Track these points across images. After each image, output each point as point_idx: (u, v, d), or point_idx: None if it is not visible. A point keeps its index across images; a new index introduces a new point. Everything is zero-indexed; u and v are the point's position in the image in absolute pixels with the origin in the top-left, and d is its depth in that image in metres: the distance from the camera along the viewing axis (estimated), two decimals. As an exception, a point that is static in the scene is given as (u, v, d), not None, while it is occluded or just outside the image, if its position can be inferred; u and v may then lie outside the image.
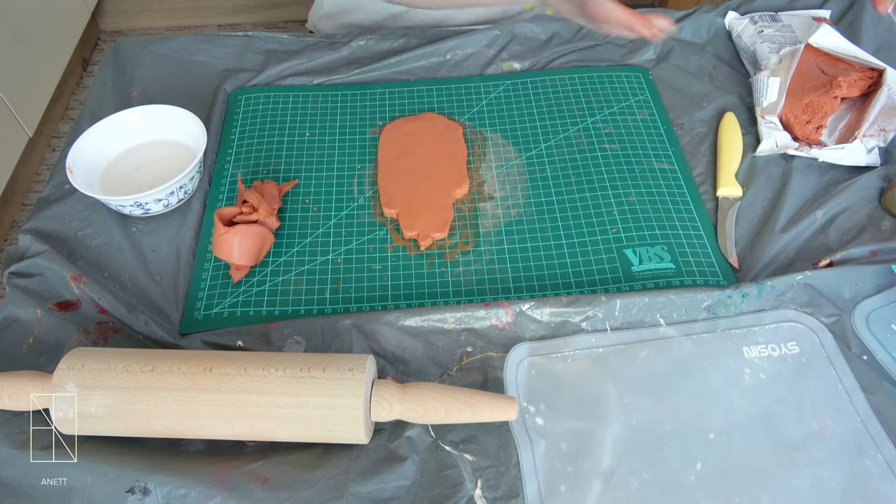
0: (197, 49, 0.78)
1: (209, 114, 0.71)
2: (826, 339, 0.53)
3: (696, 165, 0.67)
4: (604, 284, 0.57)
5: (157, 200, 0.60)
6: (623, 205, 0.63)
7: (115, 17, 2.08)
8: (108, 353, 0.48)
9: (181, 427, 0.46)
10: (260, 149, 0.69)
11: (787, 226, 0.60)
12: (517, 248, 0.60)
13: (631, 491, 0.46)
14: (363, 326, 0.53)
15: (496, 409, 0.47)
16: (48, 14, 1.70)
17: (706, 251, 0.60)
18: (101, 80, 0.76)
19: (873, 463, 0.47)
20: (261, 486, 0.45)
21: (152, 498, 0.45)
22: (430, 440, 0.49)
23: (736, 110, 0.71)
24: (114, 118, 0.65)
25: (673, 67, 0.76)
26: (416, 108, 0.73)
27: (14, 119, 1.53)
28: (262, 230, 0.59)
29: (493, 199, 0.64)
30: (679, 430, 0.49)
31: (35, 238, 0.59)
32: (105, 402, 0.45)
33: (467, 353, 0.53)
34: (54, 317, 0.55)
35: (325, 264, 0.60)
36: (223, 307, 0.57)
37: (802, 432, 0.49)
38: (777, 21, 0.76)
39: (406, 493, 0.46)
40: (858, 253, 0.58)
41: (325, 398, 0.45)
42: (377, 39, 0.79)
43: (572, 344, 0.53)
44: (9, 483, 0.46)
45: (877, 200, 0.62)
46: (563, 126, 0.70)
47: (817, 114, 0.65)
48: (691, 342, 0.53)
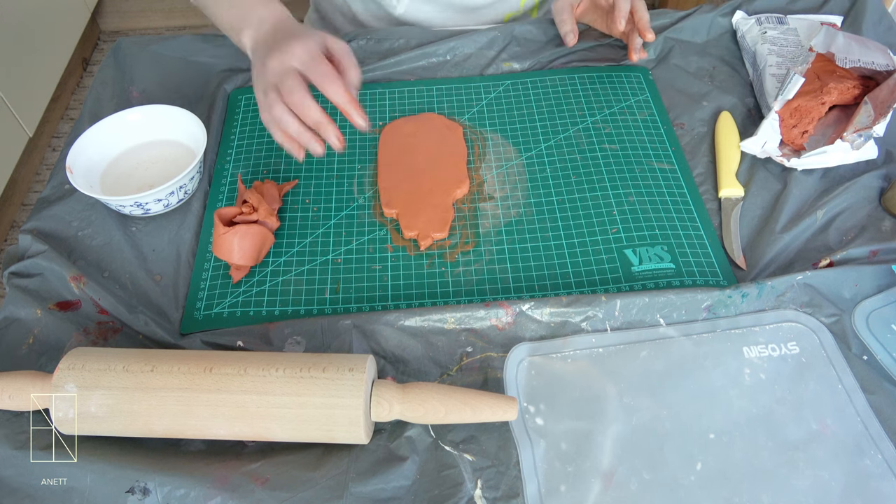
0: (197, 49, 0.78)
1: (209, 114, 0.71)
2: (826, 339, 0.53)
3: (696, 165, 0.67)
4: (604, 284, 0.57)
5: (157, 200, 0.60)
6: (623, 205, 0.63)
7: (115, 17, 2.08)
8: (108, 353, 0.48)
9: (181, 427, 0.46)
10: (260, 149, 0.69)
11: (788, 226, 0.60)
12: (517, 248, 0.60)
13: (631, 491, 0.46)
14: (363, 326, 0.53)
15: (496, 409, 0.47)
16: (48, 14, 1.70)
17: (706, 251, 0.60)
18: (101, 80, 0.76)
19: (873, 463, 0.47)
20: (261, 486, 0.45)
21: (152, 498, 0.45)
22: (430, 440, 0.49)
23: (736, 110, 0.71)
24: (114, 118, 0.65)
25: (673, 67, 0.76)
26: (416, 108, 0.73)
27: (14, 119, 1.53)
28: (262, 230, 0.59)
29: (493, 199, 0.64)
30: (679, 430, 0.49)
31: (35, 238, 0.59)
32: (105, 402, 0.45)
33: (467, 353, 0.53)
34: (54, 317, 0.55)
35: (325, 264, 0.60)
36: (223, 307, 0.57)
37: (802, 432, 0.49)
38: (783, 24, 0.76)
39: (406, 493, 0.46)
40: (858, 253, 0.58)
41: (325, 398, 0.45)
42: (377, 39, 0.79)
43: (572, 344, 0.53)
44: (9, 483, 0.46)
45: (877, 200, 0.62)
46: (563, 126, 0.70)
47: (804, 118, 0.65)
48: (691, 342, 0.53)
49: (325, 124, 0.56)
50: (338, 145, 0.56)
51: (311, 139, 0.56)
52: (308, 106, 0.55)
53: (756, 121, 0.70)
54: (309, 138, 0.56)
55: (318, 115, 0.56)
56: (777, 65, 0.71)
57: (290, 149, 0.58)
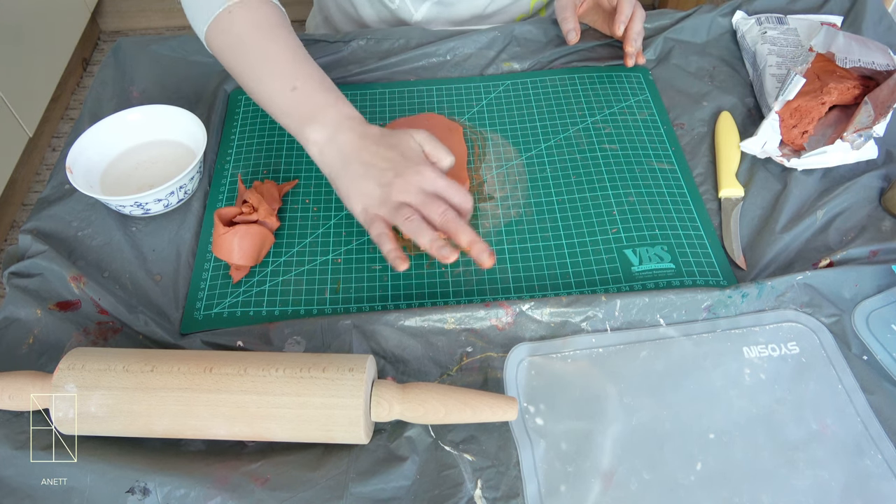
0: (197, 49, 0.78)
1: (209, 114, 0.71)
2: (826, 339, 0.53)
3: (696, 165, 0.67)
4: (604, 284, 0.57)
5: (157, 200, 0.60)
6: (623, 205, 0.63)
7: (115, 17, 2.08)
8: (108, 353, 0.48)
9: (181, 427, 0.46)
10: (260, 149, 0.69)
11: (788, 226, 0.60)
12: (517, 248, 0.60)
13: (631, 491, 0.46)
14: (363, 326, 0.53)
15: (496, 409, 0.47)
16: (48, 14, 1.70)
17: (706, 251, 0.60)
18: (101, 80, 0.76)
19: (873, 463, 0.47)
20: (261, 486, 0.45)
21: (152, 498, 0.45)
22: (430, 440, 0.49)
23: (735, 110, 0.71)
24: (114, 118, 0.65)
25: (673, 67, 0.76)
26: (416, 108, 0.73)
27: (14, 119, 1.53)
28: (262, 230, 0.59)
29: (493, 199, 0.64)
30: (679, 430, 0.49)
31: (35, 238, 0.59)
32: (105, 402, 0.45)
33: (467, 353, 0.53)
34: (54, 317, 0.55)
35: (325, 264, 0.60)
36: (223, 307, 0.57)
37: (802, 432, 0.49)
38: (783, 24, 0.76)
39: (406, 493, 0.46)
40: (858, 253, 0.58)
41: (324, 398, 0.45)
42: (377, 39, 0.79)
43: (572, 344, 0.53)
44: (9, 483, 0.46)
45: (877, 200, 0.62)
46: (563, 126, 0.70)
47: (804, 118, 0.65)
48: (691, 342, 0.53)
49: (478, 242, 0.53)
50: (489, 262, 0.53)
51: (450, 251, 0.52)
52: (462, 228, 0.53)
53: (756, 121, 0.70)
54: (448, 251, 0.52)
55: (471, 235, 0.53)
56: (777, 65, 0.71)
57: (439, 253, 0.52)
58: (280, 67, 0.59)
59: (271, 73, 0.59)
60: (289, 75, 0.59)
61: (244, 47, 0.60)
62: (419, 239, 0.52)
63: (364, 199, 0.55)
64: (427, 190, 0.54)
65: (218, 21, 0.61)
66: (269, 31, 0.60)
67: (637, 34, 0.73)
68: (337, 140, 0.57)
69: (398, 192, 0.54)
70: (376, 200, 0.54)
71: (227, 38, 0.61)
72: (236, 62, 0.61)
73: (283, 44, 0.60)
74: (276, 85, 0.59)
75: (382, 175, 0.55)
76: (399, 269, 0.53)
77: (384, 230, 0.54)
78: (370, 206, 0.55)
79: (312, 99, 0.58)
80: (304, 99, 0.58)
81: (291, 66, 0.59)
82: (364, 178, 0.55)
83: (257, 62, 0.60)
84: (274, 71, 0.59)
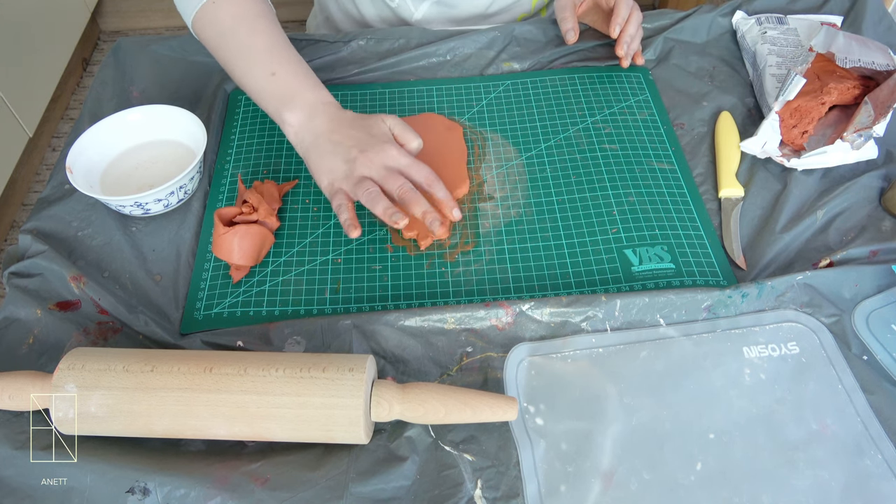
0: (197, 49, 0.78)
1: (209, 114, 0.71)
2: (826, 339, 0.53)
3: (696, 165, 0.67)
4: (604, 284, 0.57)
5: (157, 200, 0.60)
6: (623, 205, 0.63)
7: (115, 17, 2.08)
8: (108, 353, 0.48)
9: (181, 427, 0.46)
10: (260, 149, 0.69)
11: (788, 226, 0.60)
12: (517, 248, 0.60)
13: (631, 491, 0.46)
14: (363, 326, 0.53)
15: (496, 409, 0.47)
16: (48, 14, 1.70)
17: (706, 251, 0.60)
18: (101, 81, 0.76)
19: (873, 463, 0.47)
20: (261, 486, 0.45)
21: (152, 498, 0.45)
22: (430, 440, 0.49)
23: (735, 110, 0.71)
24: (114, 118, 0.65)
25: (673, 67, 0.76)
26: (416, 108, 0.73)
27: (14, 119, 1.54)
28: (262, 230, 0.59)
29: (493, 199, 0.64)
30: (679, 430, 0.49)
31: (35, 238, 0.59)
32: (105, 402, 0.45)
33: (467, 353, 0.53)
34: (54, 317, 0.55)
35: (325, 264, 0.60)
36: (223, 307, 0.57)
37: (802, 432, 0.49)
38: (783, 24, 0.76)
39: (406, 493, 0.46)
40: (858, 253, 0.58)
41: (324, 398, 0.45)
42: (377, 39, 0.79)
43: (572, 344, 0.53)
44: (9, 483, 0.46)
45: (877, 200, 0.62)
46: (563, 126, 0.70)
47: (804, 118, 0.65)
48: (691, 342, 0.53)
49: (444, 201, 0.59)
50: (439, 232, 0.58)
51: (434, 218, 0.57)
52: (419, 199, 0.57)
53: (756, 121, 0.70)
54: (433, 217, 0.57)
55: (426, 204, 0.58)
56: (777, 65, 0.71)
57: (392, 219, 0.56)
58: (260, 55, 0.63)
59: (253, 61, 0.63)
60: (268, 62, 0.63)
61: (227, 37, 0.64)
62: (374, 207, 0.57)
63: (330, 174, 0.60)
64: (390, 166, 0.58)
65: (203, 12, 0.65)
66: (251, 21, 0.64)
67: (631, 37, 0.73)
68: (312, 122, 0.61)
69: (361, 166, 0.58)
70: (341, 175, 0.59)
71: (213, 29, 0.65)
72: (221, 50, 0.65)
73: (264, 33, 0.64)
74: (256, 71, 0.63)
75: (348, 152, 0.59)
76: (351, 235, 0.57)
77: (344, 201, 0.58)
78: (335, 179, 0.59)
79: (290, 84, 0.62)
80: (282, 84, 0.62)
81: (270, 54, 0.63)
82: (332, 154, 0.60)
83: (240, 50, 0.64)
84: (255, 58, 0.63)
